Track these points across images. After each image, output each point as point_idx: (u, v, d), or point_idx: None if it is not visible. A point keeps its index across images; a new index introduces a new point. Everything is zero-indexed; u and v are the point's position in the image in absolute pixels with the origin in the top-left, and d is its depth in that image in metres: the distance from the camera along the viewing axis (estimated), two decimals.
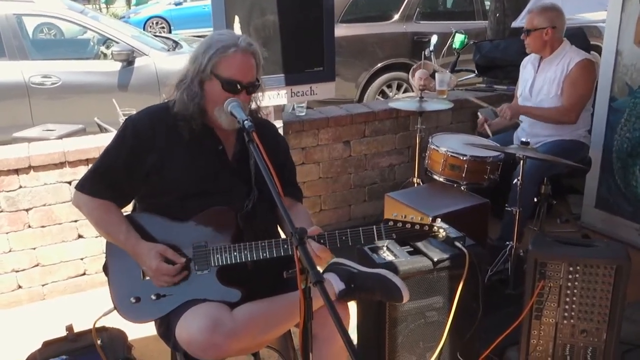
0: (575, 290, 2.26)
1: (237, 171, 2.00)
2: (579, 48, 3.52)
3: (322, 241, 1.81)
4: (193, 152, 1.94)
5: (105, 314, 2.00)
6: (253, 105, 2.04)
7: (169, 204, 1.94)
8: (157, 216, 1.95)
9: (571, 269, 2.25)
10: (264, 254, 1.85)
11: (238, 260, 1.87)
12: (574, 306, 2.28)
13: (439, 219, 1.88)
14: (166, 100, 2.01)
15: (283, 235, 2.04)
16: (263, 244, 1.85)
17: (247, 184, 1.99)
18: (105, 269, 2.01)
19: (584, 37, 4.63)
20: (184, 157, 1.94)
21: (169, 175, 1.93)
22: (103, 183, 1.94)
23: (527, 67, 3.67)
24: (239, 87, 1.88)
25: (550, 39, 3.42)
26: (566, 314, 2.30)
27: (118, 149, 1.95)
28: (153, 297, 1.92)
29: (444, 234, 1.87)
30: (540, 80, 3.51)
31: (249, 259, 1.87)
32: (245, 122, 1.65)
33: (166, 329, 1.93)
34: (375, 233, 1.86)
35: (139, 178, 1.94)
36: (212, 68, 1.87)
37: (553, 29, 3.40)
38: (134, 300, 1.93)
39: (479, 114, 3.64)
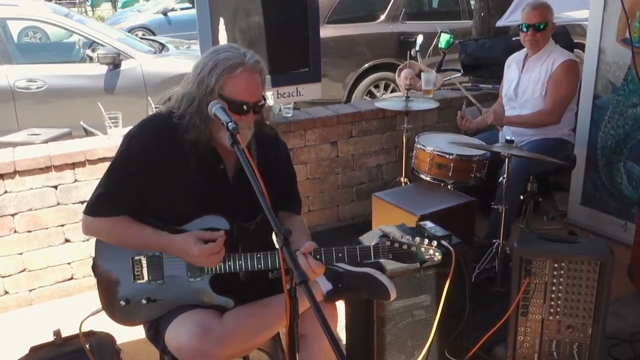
0: (560, 287, 2.28)
1: (237, 190, 1.95)
2: (562, 47, 3.55)
3: (318, 257, 1.80)
4: (194, 172, 1.90)
5: (93, 314, 2.00)
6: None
7: (165, 221, 1.91)
8: (150, 221, 1.91)
9: (556, 265, 2.27)
10: (259, 265, 1.85)
11: (232, 270, 1.87)
12: (559, 302, 2.30)
13: (434, 242, 1.89)
14: (166, 111, 1.91)
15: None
16: (258, 255, 1.85)
17: (250, 203, 1.91)
18: (95, 269, 1.99)
19: (567, 36, 4.68)
20: (182, 178, 1.89)
21: (168, 195, 1.90)
22: (115, 202, 1.88)
23: (511, 66, 3.69)
24: (245, 107, 1.83)
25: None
26: (552, 310, 2.32)
27: (125, 166, 1.88)
28: (144, 301, 1.92)
29: (439, 257, 1.89)
30: (525, 80, 3.53)
31: (243, 269, 1.86)
32: (229, 124, 1.64)
33: (155, 332, 1.93)
34: (372, 252, 1.85)
35: (146, 192, 1.90)
36: (219, 89, 1.81)
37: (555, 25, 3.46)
38: (123, 303, 1.93)
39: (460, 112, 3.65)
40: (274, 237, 1.39)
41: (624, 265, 3.11)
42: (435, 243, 1.88)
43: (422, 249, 1.86)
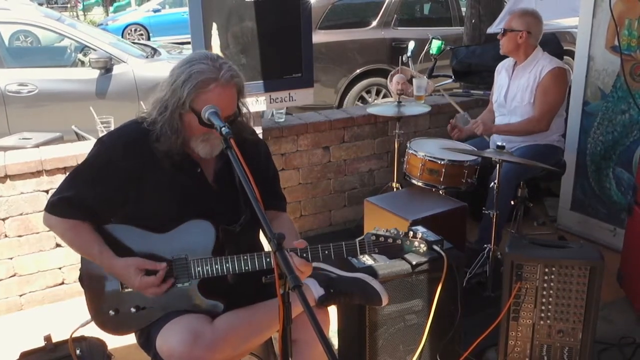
0: (551, 291, 2.30)
1: (217, 193, 1.96)
2: (552, 54, 3.58)
3: (304, 255, 1.80)
4: (170, 178, 1.89)
5: (82, 325, 1.99)
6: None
7: (148, 227, 1.91)
8: (135, 227, 1.91)
9: (547, 270, 2.29)
10: (246, 267, 1.84)
11: (219, 273, 1.86)
12: (550, 307, 2.32)
13: (419, 233, 1.90)
14: (141, 118, 1.92)
15: (266, 247, 2.03)
16: (245, 257, 1.84)
17: (233, 204, 1.95)
18: (82, 280, 1.98)
19: (557, 43, 4.72)
20: (161, 185, 1.89)
21: (146, 204, 1.89)
22: (74, 207, 1.88)
23: (501, 73, 3.72)
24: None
25: (524, 44, 3.45)
26: (543, 315, 2.33)
27: (90, 172, 1.88)
28: (133, 309, 1.90)
29: (424, 248, 1.89)
30: (514, 87, 3.56)
31: (231, 272, 1.85)
32: (223, 128, 1.64)
33: (146, 339, 1.93)
34: (358, 247, 1.85)
35: (113, 205, 1.90)
36: (190, 103, 1.79)
37: (528, 34, 3.43)
38: (112, 313, 1.92)
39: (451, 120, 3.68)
40: (267, 241, 1.40)
41: (613, 271, 3.13)
42: (420, 234, 1.89)
43: (408, 241, 1.87)
